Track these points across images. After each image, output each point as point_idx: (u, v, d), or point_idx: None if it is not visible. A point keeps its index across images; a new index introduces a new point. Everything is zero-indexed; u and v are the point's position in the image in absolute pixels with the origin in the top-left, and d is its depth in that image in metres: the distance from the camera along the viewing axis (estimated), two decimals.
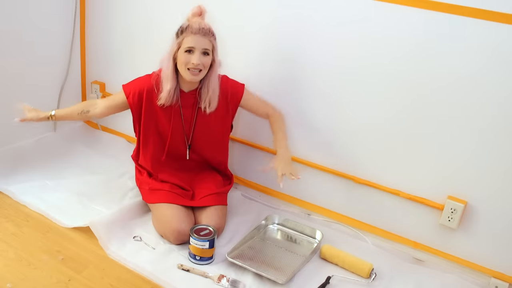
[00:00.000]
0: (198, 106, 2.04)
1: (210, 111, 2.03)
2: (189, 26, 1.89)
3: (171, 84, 1.96)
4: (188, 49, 1.88)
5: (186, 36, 1.88)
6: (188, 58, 1.89)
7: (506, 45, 1.69)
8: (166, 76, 1.96)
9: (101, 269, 1.79)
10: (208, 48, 1.91)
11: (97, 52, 2.73)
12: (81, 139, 2.76)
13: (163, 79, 1.98)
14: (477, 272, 1.96)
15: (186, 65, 1.90)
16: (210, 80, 1.98)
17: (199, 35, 1.88)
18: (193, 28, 1.88)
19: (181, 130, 2.07)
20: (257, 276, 1.81)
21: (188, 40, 1.88)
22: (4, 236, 1.90)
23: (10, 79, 2.42)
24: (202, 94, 2.01)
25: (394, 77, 1.93)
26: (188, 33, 1.88)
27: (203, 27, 1.89)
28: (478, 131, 1.83)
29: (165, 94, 1.97)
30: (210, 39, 1.91)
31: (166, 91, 1.97)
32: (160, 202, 2.00)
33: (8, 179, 2.25)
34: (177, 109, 2.03)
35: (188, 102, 2.03)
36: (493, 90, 1.76)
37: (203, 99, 2.01)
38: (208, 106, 2.01)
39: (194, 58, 1.88)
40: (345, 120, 2.09)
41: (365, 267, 1.86)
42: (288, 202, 2.35)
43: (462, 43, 1.76)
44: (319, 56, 2.06)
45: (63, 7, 2.58)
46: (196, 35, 1.87)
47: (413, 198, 2.02)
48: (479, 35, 1.73)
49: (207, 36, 1.90)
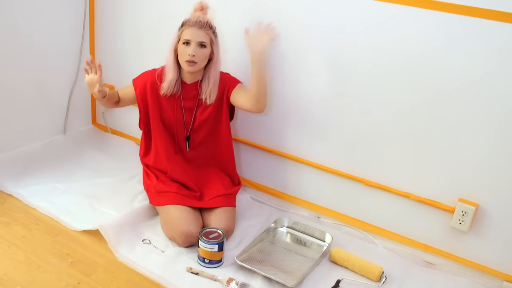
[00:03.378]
0: (199, 98, 2.09)
1: (210, 102, 2.08)
2: (188, 20, 1.99)
3: (172, 75, 2.05)
4: (185, 41, 1.97)
5: (184, 29, 1.98)
6: (186, 50, 1.97)
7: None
8: (169, 68, 2.06)
9: (110, 272, 1.79)
10: (204, 40, 1.98)
11: (106, 56, 2.74)
12: (91, 142, 2.77)
13: (166, 70, 2.07)
14: (489, 275, 1.95)
15: (183, 56, 1.98)
16: (211, 73, 2.06)
17: (196, 27, 1.96)
18: (191, 21, 1.98)
19: (181, 120, 2.12)
20: (267, 279, 1.80)
21: (186, 33, 1.97)
22: (14, 239, 1.91)
23: (20, 83, 2.43)
24: (203, 85, 2.07)
25: (404, 80, 1.92)
26: (186, 26, 1.98)
27: (200, 20, 1.97)
28: (490, 132, 1.81)
29: (167, 84, 2.06)
30: (207, 32, 1.98)
31: (167, 81, 2.06)
32: (168, 204, 2.00)
33: (18, 182, 2.26)
34: (179, 100, 2.08)
35: (189, 93, 2.09)
36: (504, 91, 1.74)
37: (204, 90, 2.07)
38: (208, 97, 2.08)
39: (190, 49, 1.96)
40: (354, 123, 2.08)
41: (375, 270, 1.85)
42: (298, 205, 2.34)
43: (473, 43, 1.75)
44: (330, 59, 2.05)
45: (72, 12, 2.59)
46: (193, 28, 1.96)
47: (423, 200, 2.01)
48: (488, 35, 1.71)
49: (203, 28, 1.97)
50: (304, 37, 2.08)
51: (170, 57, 2.05)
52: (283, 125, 2.27)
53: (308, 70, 2.12)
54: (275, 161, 2.36)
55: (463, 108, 1.83)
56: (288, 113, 2.22)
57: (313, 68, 2.10)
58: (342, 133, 2.12)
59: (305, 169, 2.28)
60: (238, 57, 2.25)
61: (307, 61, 2.11)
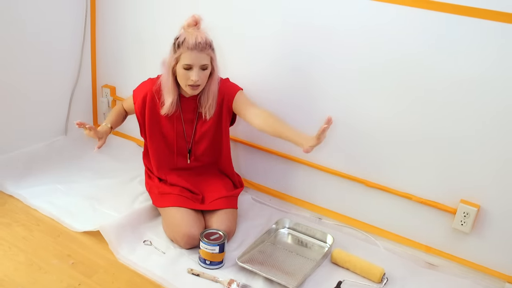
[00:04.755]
0: (198, 111, 2.06)
1: (210, 116, 2.04)
2: (185, 41, 1.84)
3: (172, 97, 1.98)
4: (186, 66, 1.87)
5: (183, 52, 1.85)
6: (187, 74, 1.88)
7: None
8: (167, 89, 1.97)
9: (111, 274, 1.79)
10: (206, 63, 1.88)
11: (107, 56, 2.74)
12: (92, 143, 2.73)
13: (164, 91, 1.99)
14: (491, 276, 1.94)
15: (186, 81, 1.90)
16: (210, 89, 1.99)
17: (196, 51, 1.84)
18: (189, 44, 1.83)
19: (182, 133, 2.09)
20: (268, 280, 1.80)
21: (186, 57, 1.85)
22: (15, 240, 1.91)
23: (21, 84, 2.43)
24: (202, 101, 2.02)
25: (405, 81, 1.91)
26: (184, 49, 1.85)
27: (200, 41, 1.84)
28: (492, 134, 1.81)
29: (168, 106, 1.99)
30: (207, 52, 1.87)
31: (168, 103, 1.99)
32: (170, 206, 2.00)
33: (19, 183, 2.26)
34: (178, 113, 2.05)
35: (189, 106, 2.05)
36: (506, 91, 1.74)
37: (203, 105, 2.02)
38: (208, 112, 2.03)
39: (193, 75, 1.87)
40: (355, 123, 2.08)
41: (377, 271, 1.84)
42: (299, 206, 2.33)
43: (473, 43, 1.74)
44: (329, 61, 2.05)
45: (73, 12, 2.59)
46: (193, 51, 1.84)
47: (425, 202, 2.00)
48: (486, 35, 1.71)
49: (204, 50, 1.86)
50: (303, 41, 2.08)
51: (169, 79, 1.94)
52: None
53: (308, 73, 2.11)
54: (276, 162, 2.36)
55: (464, 109, 1.83)
56: (289, 114, 2.22)
57: (313, 68, 2.10)
58: (343, 134, 2.12)
59: (307, 170, 2.28)
60: (238, 65, 2.25)
61: (307, 60, 2.10)
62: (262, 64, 2.22)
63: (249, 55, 2.24)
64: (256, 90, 2.21)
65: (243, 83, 2.11)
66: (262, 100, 2.19)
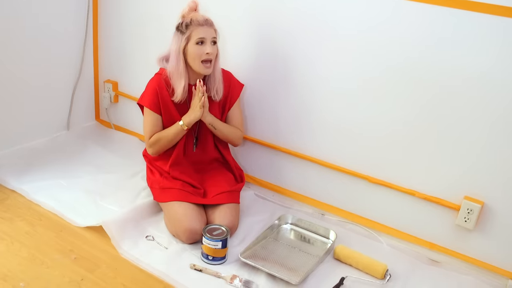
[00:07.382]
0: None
1: (218, 98, 2.08)
2: (193, 19, 1.94)
3: (184, 80, 2.00)
4: (200, 40, 1.94)
5: (194, 29, 1.94)
6: (201, 49, 1.94)
7: None
8: (179, 73, 2.00)
9: (114, 269, 1.79)
10: (215, 37, 1.99)
11: (110, 51, 2.74)
12: (94, 138, 2.77)
13: (175, 76, 2.01)
14: (494, 273, 1.93)
15: (200, 57, 1.95)
16: (216, 69, 2.04)
17: (206, 26, 1.95)
18: (199, 20, 1.94)
19: None
20: (270, 276, 1.80)
21: (198, 32, 1.93)
22: (17, 235, 1.91)
23: (23, 79, 2.43)
24: (211, 83, 2.06)
25: (409, 77, 1.90)
26: (195, 26, 1.94)
27: (207, 18, 1.96)
28: (496, 130, 1.80)
29: (180, 91, 2.01)
30: (214, 28, 1.99)
31: (180, 88, 2.01)
32: (172, 200, 1.99)
33: (22, 178, 2.25)
34: (185, 102, 2.07)
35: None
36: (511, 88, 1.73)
37: (212, 87, 2.07)
38: (216, 93, 2.07)
39: (208, 48, 1.94)
40: (359, 120, 2.07)
41: (380, 268, 1.84)
42: (302, 202, 2.33)
43: (478, 39, 1.73)
44: (334, 57, 2.04)
45: (75, 6, 2.58)
46: (204, 26, 1.94)
47: (428, 198, 1.99)
48: (498, 31, 1.70)
49: (212, 26, 1.98)
50: (304, 34, 2.07)
51: (179, 62, 1.98)
52: (287, 122, 2.26)
53: (314, 68, 2.11)
54: (279, 158, 2.35)
55: (468, 106, 1.82)
56: (293, 111, 2.21)
57: (316, 65, 2.09)
58: (347, 130, 2.11)
59: (310, 166, 2.27)
60: (238, 54, 2.25)
61: (308, 59, 2.10)
62: (277, 67, 2.22)
63: (262, 55, 2.24)
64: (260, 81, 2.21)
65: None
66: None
